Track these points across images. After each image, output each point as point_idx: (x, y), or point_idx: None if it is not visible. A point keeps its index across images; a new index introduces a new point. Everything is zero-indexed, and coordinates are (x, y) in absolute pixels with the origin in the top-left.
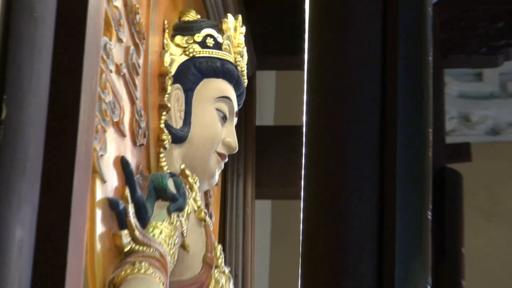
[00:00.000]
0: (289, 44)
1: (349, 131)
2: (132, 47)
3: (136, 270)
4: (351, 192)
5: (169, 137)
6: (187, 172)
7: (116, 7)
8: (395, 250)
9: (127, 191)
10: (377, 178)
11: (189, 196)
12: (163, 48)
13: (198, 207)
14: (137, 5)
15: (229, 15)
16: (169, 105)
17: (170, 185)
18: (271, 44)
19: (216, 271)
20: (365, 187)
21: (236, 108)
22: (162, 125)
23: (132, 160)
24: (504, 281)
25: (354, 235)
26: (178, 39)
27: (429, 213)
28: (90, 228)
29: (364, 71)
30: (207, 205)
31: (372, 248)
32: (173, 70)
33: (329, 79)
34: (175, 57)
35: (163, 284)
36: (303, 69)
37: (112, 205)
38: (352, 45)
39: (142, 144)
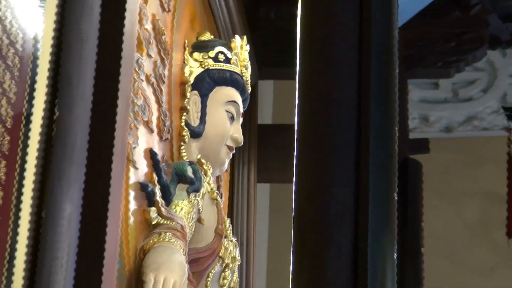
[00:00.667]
0: (284, 59)
1: (331, 129)
2: (159, 61)
3: (161, 239)
4: (333, 178)
5: (188, 133)
6: (203, 161)
7: (146, 29)
8: (368, 223)
9: (155, 176)
10: (354, 166)
11: (204, 180)
12: (184, 62)
13: (211, 189)
14: (163, 28)
15: (237, 36)
16: (188, 107)
17: (189, 171)
18: (270, 58)
19: (225, 240)
20: (344, 173)
21: (242, 110)
22: (183, 124)
23: (158, 151)
24: (454, 246)
25: (335, 212)
26: (196, 55)
27: (395, 194)
28: (125, 205)
29: (344, 81)
30: (218, 187)
31: (350, 222)
32: (191, 79)
33: (316, 87)
34: (193, 69)
35: (183, 250)
36: (295, 79)
37: (142, 187)
38: (334, 60)
39: (167, 139)
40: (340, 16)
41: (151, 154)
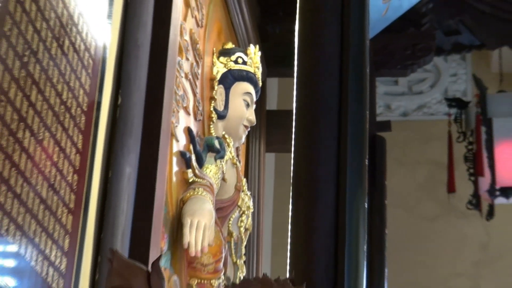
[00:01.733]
0: (285, 62)
1: (320, 114)
2: (194, 63)
3: (195, 192)
4: (320, 149)
5: (216, 115)
6: (226, 136)
7: (185, 40)
8: (346, 182)
9: (191, 147)
10: (336, 140)
11: (227, 150)
12: (212, 64)
13: (232, 156)
14: (198, 39)
15: (251, 45)
16: (215, 97)
17: (216, 143)
18: (275, 62)
19: (242, 193)
20: (329, 146)
21: (255, 99)
22: (212, 109)
23: (194, 129)
24: (408, 200)
25: (322, 172)
26: (221, 58)
27: (366, 161)
28: (169, 168)
29: (329, 78)
30: (237, 155)
31: (333, 182)
32: (218, 76)
33: (308, 82)
34: (219, 69)
35: (211, 201)
36: (294, 77)
37: (182, 154)
38: (321, 63)
39: (200, 120)
40: (326, 31)
41: (188, 131)
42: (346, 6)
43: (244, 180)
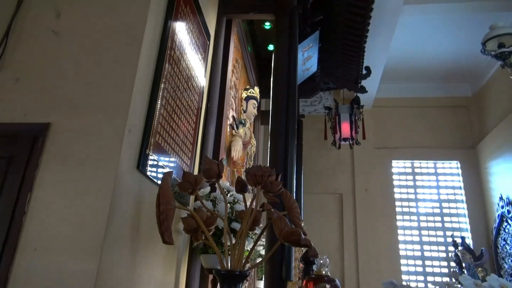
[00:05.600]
0: (268, 94)
1: (279, 110)
2: (235, 92)
3: (235, 138)
4: (279, 124)
5: (243, 111)
6: (246, 118)
7: (231, 84)
8: (289, 135)
9: (234, 122)
10: (285, 121)
11: (247, 123)
12: (242, 93)
13: (248, 126)
14: (236, 84)
15: (256, 87)
16: (242, 105)
17: (243, 121)
18: (264, 94)
19: (252, 138)
20: (282, 123)
21: (256, 106)
22: (241, 109)
23: (235, 115)
24: (310, 142)
25: (280, 132)
26: (245, 91)
27: (296, 128)
28: (225, 129)
29: (282, 98)
30: (250, 125)
31: (284, 134)
32: (243, 97)
33: (275, 100)
34: (243, 95)
35: (241, 141)
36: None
37: (231, 124)
38: (279, 93)
39: (237, 112)
40: (280, 81)
41: (233, 116)
42: (289, 73)
43: (253, 134)
